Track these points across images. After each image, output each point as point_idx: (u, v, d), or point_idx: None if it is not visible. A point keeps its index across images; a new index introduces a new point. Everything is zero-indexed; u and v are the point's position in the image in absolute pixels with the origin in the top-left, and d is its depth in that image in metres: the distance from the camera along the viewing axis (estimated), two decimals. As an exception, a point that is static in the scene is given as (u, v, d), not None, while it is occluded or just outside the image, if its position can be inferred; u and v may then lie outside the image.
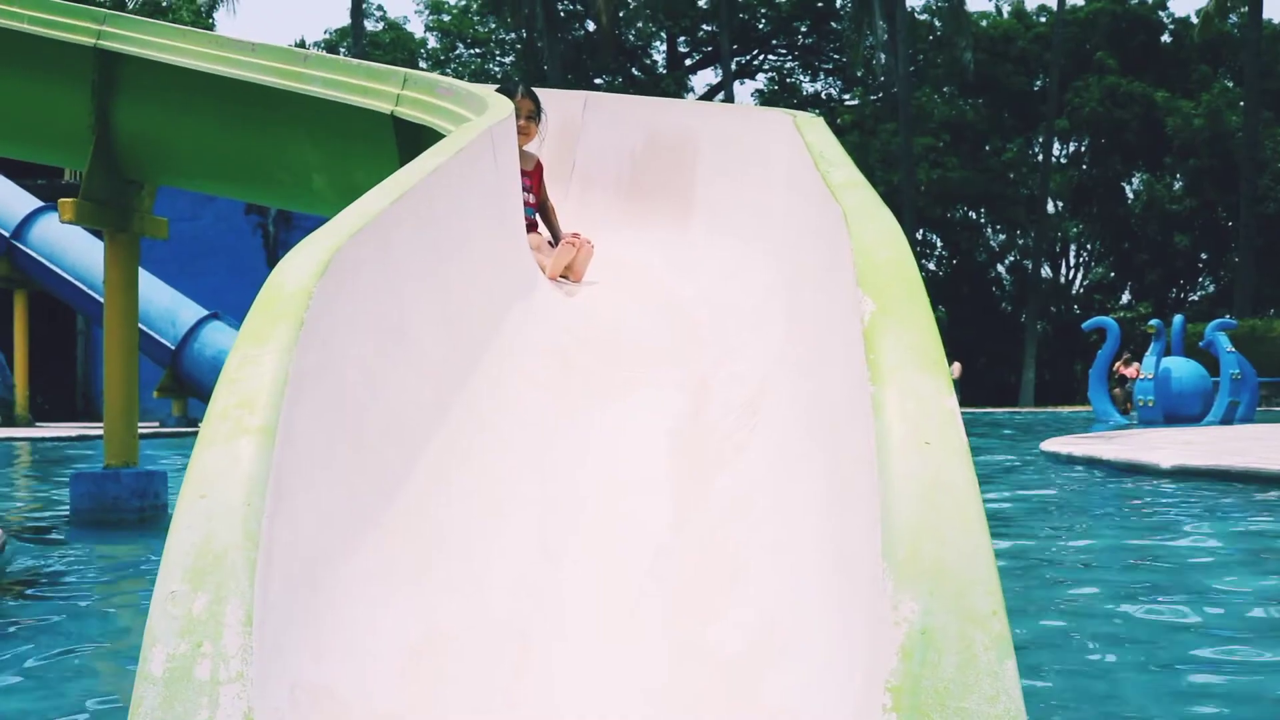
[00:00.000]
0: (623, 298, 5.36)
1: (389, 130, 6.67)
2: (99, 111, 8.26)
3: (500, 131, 4.91)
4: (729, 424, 3.81)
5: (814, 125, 4.74)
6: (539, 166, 6.52)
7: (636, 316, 5.02)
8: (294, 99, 7.20)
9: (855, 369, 2.54)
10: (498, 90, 6.27)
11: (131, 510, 8.26)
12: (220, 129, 8.02)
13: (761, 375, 3.79)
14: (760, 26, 56.22)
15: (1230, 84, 51.39)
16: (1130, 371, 28.84)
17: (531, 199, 6.30)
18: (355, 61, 7.35)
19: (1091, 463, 12.82)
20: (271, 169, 8.31)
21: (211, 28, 43.58)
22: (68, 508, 8.70)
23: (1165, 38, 53.68)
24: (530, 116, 6.47)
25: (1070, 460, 13.56)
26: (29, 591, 5.62)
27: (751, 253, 4.90)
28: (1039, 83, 51.86)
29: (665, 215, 6.19)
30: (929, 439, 2.32)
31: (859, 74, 53.85)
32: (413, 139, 6.40)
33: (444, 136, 5.02)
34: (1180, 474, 11.22)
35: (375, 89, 6.79)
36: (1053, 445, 15.16)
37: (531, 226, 6.16)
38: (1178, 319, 25.11)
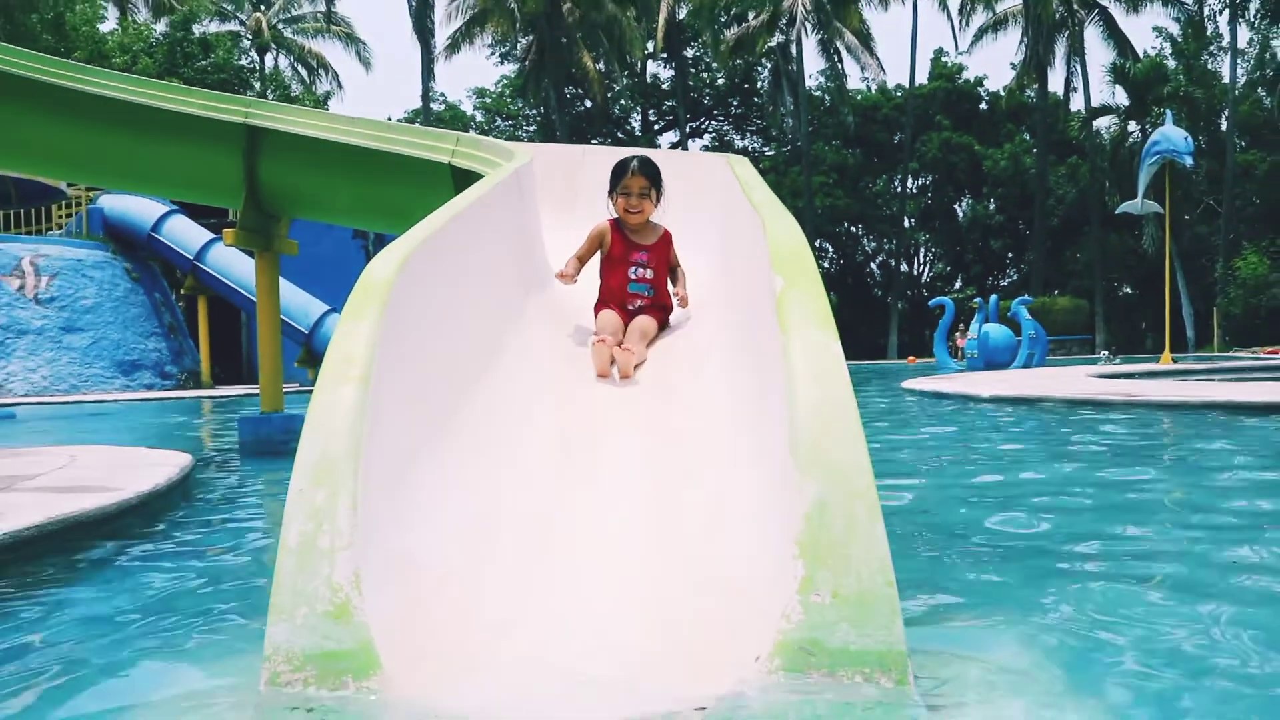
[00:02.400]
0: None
1: (448, 175, 6.62)
2: (248, 168, 8.20)
3: (524, 172, 4.86)
4: (685, 371, 3.78)
5: (741, 162, 4.70)
6: (665, 239, 4.69)
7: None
8: (382, 155, 7.15)
9: (772, 327, 2.52)
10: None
11: (280, 442, 8.19)
12: (332, 178, 7.97)
13: (709, 339, 3.76)
14: (705, 101, 56.25)
15: (1027, 136, 51.52)
16: (960, 341, 28.86)
17: (649, 274, 4.58)
18: (424, 128, 7.29)
19: (937, 395, 12.87)
20: (367, 204, 8.28)
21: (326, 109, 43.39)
22: (237, 441, 8.68)
23: (983, 105, 53.71)
24: (643, 193, 4.60)
25: (921, 393, 13.61)
26: (210, 498, 5.59)
27: (698, 254, 4.87)
28: (898, 137, 51.86)
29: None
30: (822, 373, 2.29)
31: (774, 133, 53.84)
32: (464, 180, 6.35)
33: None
34: (995, 400, 11.27)
35: (437, 146, 6.75)
36: (910, 384, 15.28)
37: (654, 310, 4.51)
38: (993, 298, 25.15)
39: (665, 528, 2.26)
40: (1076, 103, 48.67)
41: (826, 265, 53.91)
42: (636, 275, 4.55)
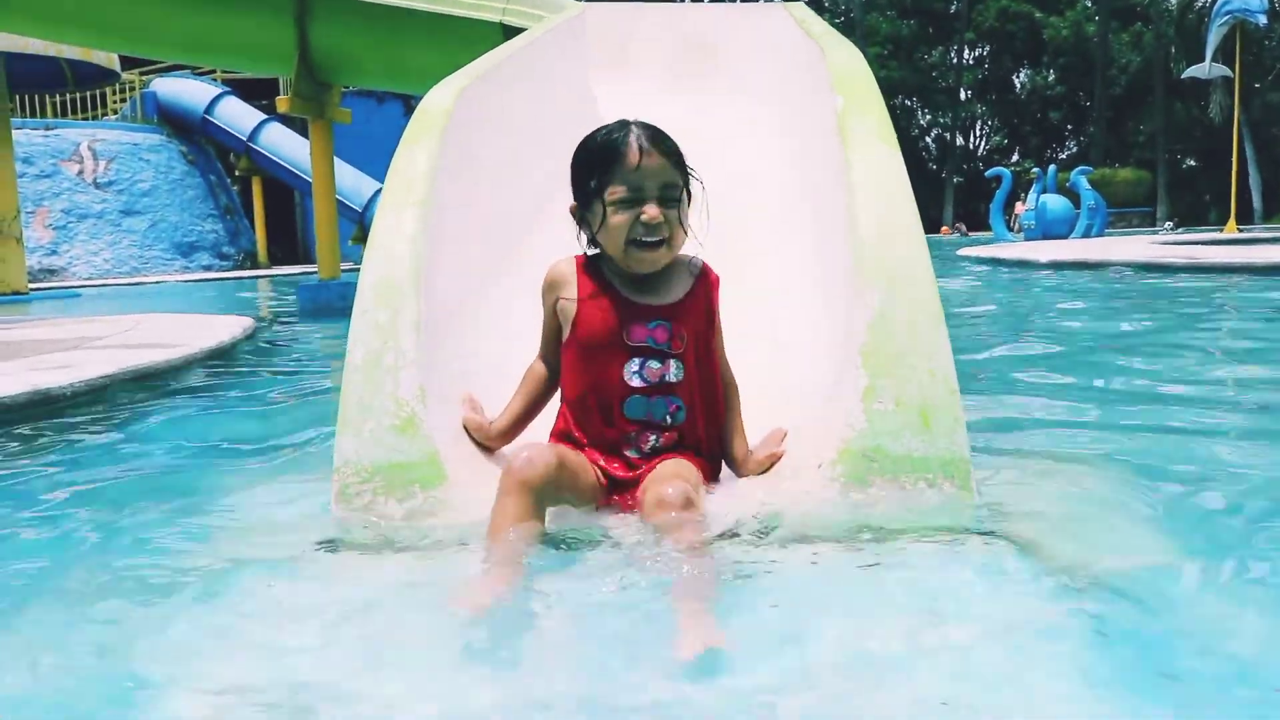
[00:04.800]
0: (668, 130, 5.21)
1: (500, 34, 6.53)
2: (300, 34, 8.15)
3: (576, 22, 4.78)
4: (746, 202, 3.71)
5: (798, 7, 4.58)
6: (703, 287, 2.21)
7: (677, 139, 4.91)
8: (433, 16, 7.07)
9: (831, 143, 2.47)
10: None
11: (337, 307, 8.30)
12: (383, 42, 7.91)
13: (768, 171, 3.69)
14: (756, -27, 54.73)
15: (1089, 3, 49.75)
16: (1019, 207, 28.37)
17: (674, 370, 2.13)
18: (475, -12, 7.19)
19: (994, 261, 12.74)
20: (421, 68, 8.19)
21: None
22: (296, 307, 8.81)
23: (1043, -30, 51.90)
24: (667, 197, 2.11)
25: (978, 260, 13.46)
26: (273, 352, 5.70)
27: (757, 90, 4.71)
28: (954, 7, 50.30)
29: (700, 76, 5.92)
30: (884, 186, 2.26)
31: (826, 4, 52.34)
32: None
33: (537, 28, 4.90)
34: (1054, 265, 11.14)
35: (488, 5, 6.68)
36: (966, 251, 15.14)
37: (684, 453, 2.13)
38: (1051, 168, 24.62)
39: (729, 346, 2.24)
40: (1143, -35, 46.84)
41: (880, 140, 52.89)
42: (645, 375, 2.13)
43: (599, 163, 2.12)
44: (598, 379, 2.13)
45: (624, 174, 2.09)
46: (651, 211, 2.08)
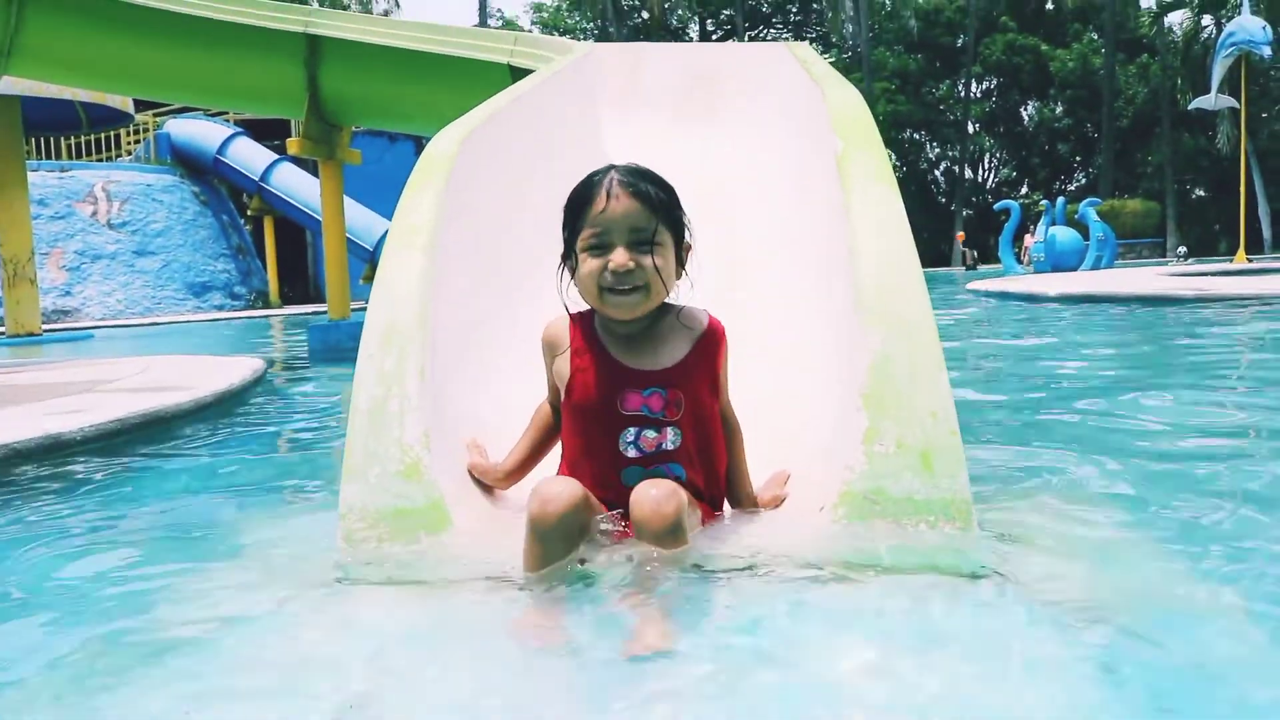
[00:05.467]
0: (673, 170, 5.22)
1: (507, 75, 6.58)
2: (310, 77, 8.23)
3: (583, 62, 4.81)
4: (749, 242, 3.73)
5: (801, 46, 4.61)
6: (708, 344, 2.11)
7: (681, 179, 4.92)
8: (441, 59, 7.13)
9: (832, 185, 2.49)
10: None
11: (348, 348, 8.31)
12: (393, 84, 7.98)
13: (770, 213, 3.71)
14: (763, 9, 55.09)
15: (1095, 36, 49.93)
16: (1028, 240, 28.41)
17: (671, 438, 2.06)
18: (481, 29, 7.27)
19: (1002, 295, 12.73)
20: (429, 110, 8.26)
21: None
22: (306, 348, 8.83)
23: (1049, 5, 52.08)
24: (638, 241, 2.03)
25: (987, 294, 13.46)
26: (283, 395, 5.72)
27: (760, 130, 4.74)
28: (961, 40, 50.53)
29: (705, 116, 5.96)
30: (884, 227, 2.27)
31: (834, 40, 52.61)
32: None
33: (544, 71, 4.94)
34: (1062, 298, 11.13)
35: (495, 46, 6.73)
36: (975, 285, 15.13)
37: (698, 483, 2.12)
38: (1060, 200, 24.68)
39: (731, 386, 2.25)
40: (1147, -2, 47.03)
41: (889, 174, 52.87)
42: (641, 445, 2.07)
43: (572, 208, 2.07)
44: (593, 447, 2.08)
45: (592, 219, 2.02)
46: (619, 259, 2.00)
